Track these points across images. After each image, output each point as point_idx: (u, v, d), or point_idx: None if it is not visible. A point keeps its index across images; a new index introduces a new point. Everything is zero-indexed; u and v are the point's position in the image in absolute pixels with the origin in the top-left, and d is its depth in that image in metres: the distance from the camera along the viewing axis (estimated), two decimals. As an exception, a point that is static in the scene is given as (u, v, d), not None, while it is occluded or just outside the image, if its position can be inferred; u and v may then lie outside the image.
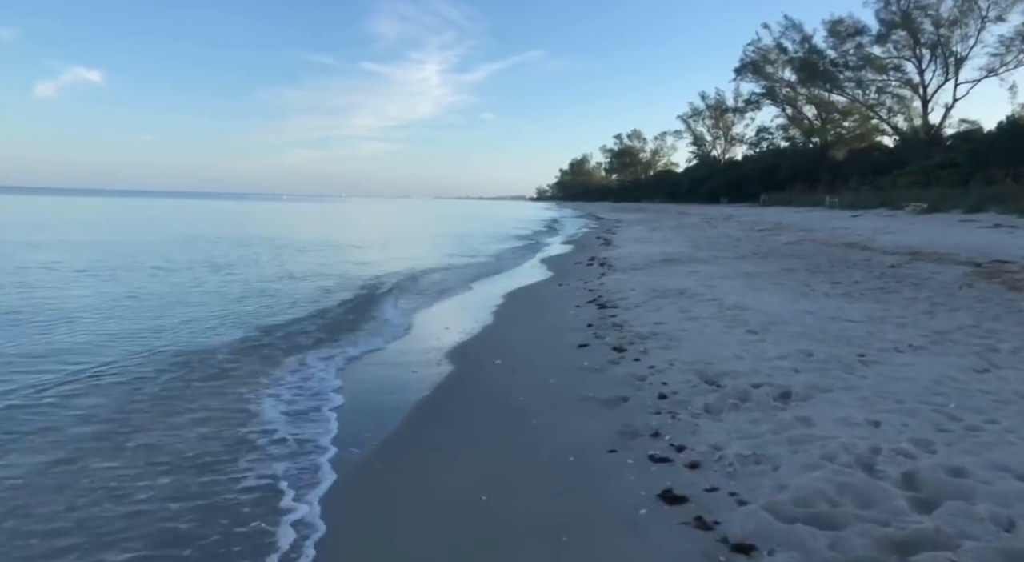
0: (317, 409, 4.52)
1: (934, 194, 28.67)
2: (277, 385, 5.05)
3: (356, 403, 4.72)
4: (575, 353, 5.82)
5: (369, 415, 4.47)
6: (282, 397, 4.75)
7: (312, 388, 5.03)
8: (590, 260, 14.87)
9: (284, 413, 4.40)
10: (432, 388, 5.03)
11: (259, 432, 4.00)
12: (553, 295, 9.54)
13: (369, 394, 5.01)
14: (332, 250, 18.31)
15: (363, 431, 4.10)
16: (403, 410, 4.51)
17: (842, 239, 15.23)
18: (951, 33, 48.88)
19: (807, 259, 11.99)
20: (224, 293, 9.78)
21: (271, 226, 34.07)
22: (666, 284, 9.49)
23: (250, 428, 4.06)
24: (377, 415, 4.45)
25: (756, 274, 10.28)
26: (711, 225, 25.43)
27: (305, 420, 4.29)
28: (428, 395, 4.83)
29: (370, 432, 4.09)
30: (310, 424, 4.21)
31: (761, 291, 8.49)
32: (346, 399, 4.77)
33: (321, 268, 13.35)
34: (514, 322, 7.66)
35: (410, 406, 4.60)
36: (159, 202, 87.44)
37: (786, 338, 5.57)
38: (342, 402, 4.70)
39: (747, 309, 7.06)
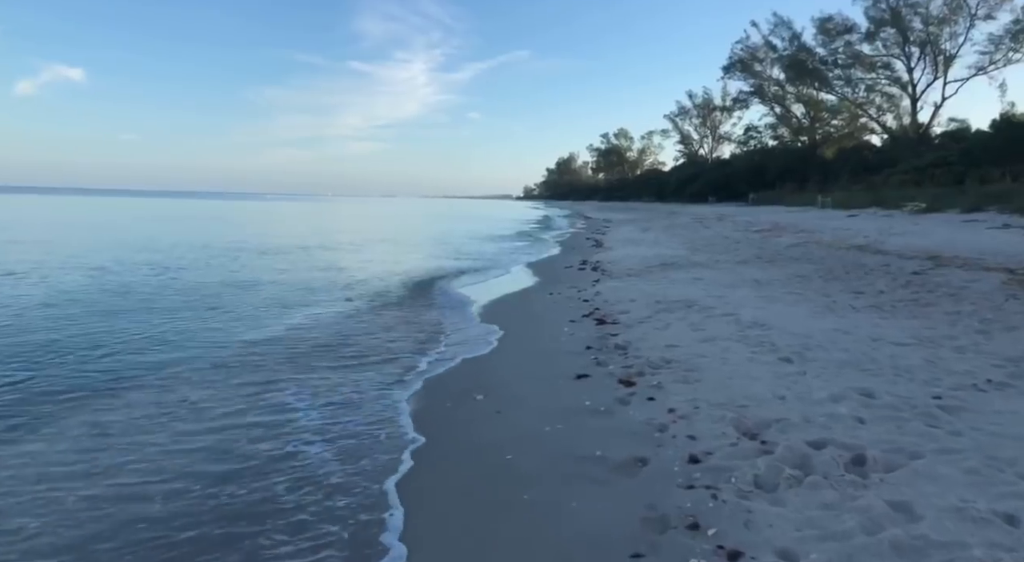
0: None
1: (928, 193, 28.07)
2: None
3: (246, 470, 3.65)
4: (573, 387, 4.79)
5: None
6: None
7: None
8: (582, 264, 13.88)
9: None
10: (391, 440, 3.97)
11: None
12: (544, 306, 8.51)
13: (282, 458, 3.95)
14: (299, 253, 17.09)
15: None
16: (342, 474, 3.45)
17: (848, 241, 14.36)
18: (940, 31, 48.59)
19: (817, 264, 11.07)
20: (147, 303, 8.61)
21: (244, 226, 32.72)
22: (669, 293, 8.50)
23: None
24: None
25: (766, 282, 9.33)
26: (704, 225, 24.55)
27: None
28: (385, 459, 3.75)
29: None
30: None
31: (778, 303, 7.53)
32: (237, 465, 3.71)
33: (278, 274, 12.20)
34: (500, 342, 6.62)
35: (354, 471, 3.54)
36: (140, 201, 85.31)
37: (831, 369, 4.58)
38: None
39: (770, 327, 6.08)
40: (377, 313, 8.36)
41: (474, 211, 77.34)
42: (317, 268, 13.45)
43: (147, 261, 13.66)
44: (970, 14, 47.07)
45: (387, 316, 8.17)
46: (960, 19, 47.79)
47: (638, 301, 8.09)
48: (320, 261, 14.95)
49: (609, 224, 33.14)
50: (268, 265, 13.73)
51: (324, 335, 6.89)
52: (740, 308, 7.19)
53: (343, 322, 7.67)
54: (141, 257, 14.41)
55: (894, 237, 14.29)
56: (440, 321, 7.86)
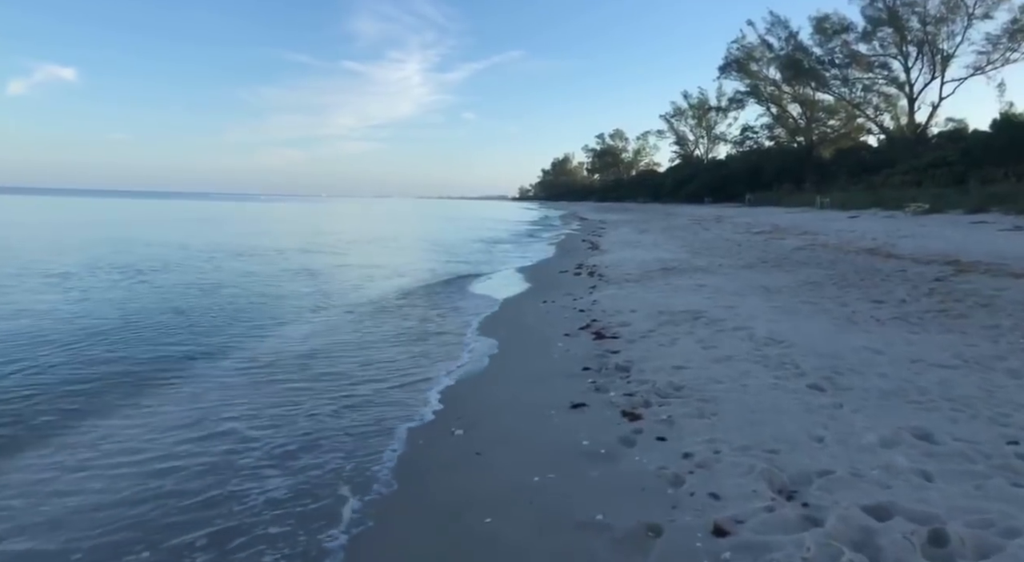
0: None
1: (929, 194, 27.56)
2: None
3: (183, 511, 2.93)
4: (569, 420, 4.09)
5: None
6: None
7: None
8: (577, 268, 13.18)
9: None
10: (347, 488, 3.26)
11: None
12: (536, 317, 7.80)
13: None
14: (276, 256, 16.28)
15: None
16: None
17: (856, 244, 13.72)
18: (937, 31, 48.20)
19: (828, 269, 10.41)
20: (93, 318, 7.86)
21: (227, 228, 31.89)
22: (673, 303, 7.80)
23: None
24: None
25: (776, 289, 8.65)
26: (703, 227, 23.91)
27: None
28: (332, 511, 3.04)
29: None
30: None
31: (794, 315, 6.84)
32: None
33: (246, 279, 11.45)
34: (486, 361, 5.91)
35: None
36: (129, 202, 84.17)
37: (872, 401, 3.89)
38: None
39: (791, 345, 5.39)
40: (353, 323, 7.64)
41: (468, 212, 76.62)
42: (294, 273, 12.69)
43: (117, 264, 12.89)
44: (968, 14, 46.70)
45: (363, 326, 7.45)
46: (958, 19, 47.43)
47: (639, 311, 7.40)
48: (299, 265, 14.19)
49: (605, 225, 32.48)
50: (241, 268, 12.96)
51: (289, 354, 6.16)
52: (753, 320, 6.50)
53: (311, 337, 6.94)
54: (113, 261, 13.62)
55: (904, 239, 13.66)
56: (419, 331, 7.15)
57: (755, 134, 64.96)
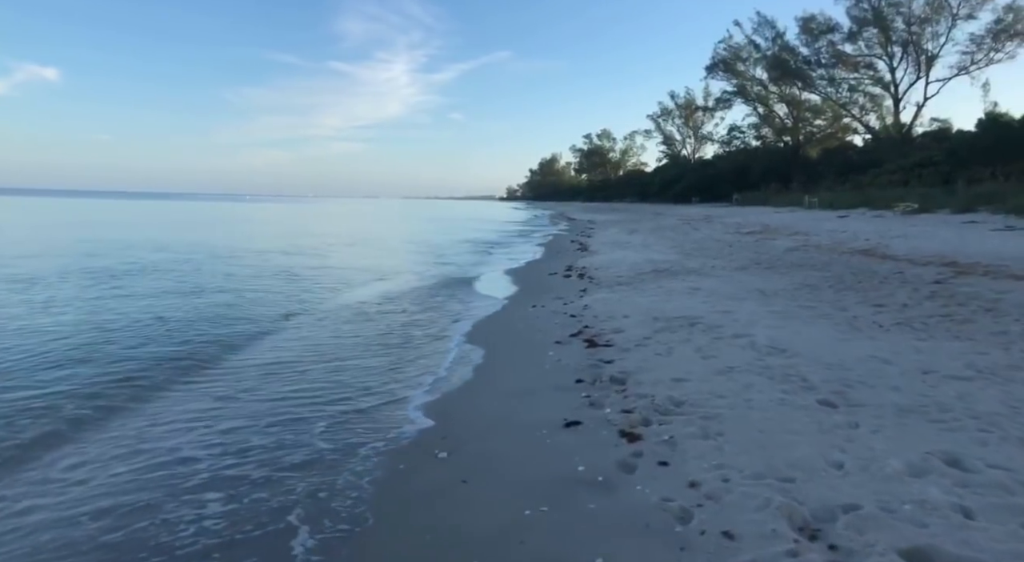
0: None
1: (916, 194, 27.59)
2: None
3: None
4: (562, 440, 3.76)
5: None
6: None
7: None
8: (567, 270, 12.87)
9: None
10: (320, 518, 2.90)
11: None
12: (526, 323, 7.47)
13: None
14: (254, 257, 15.81)
15: None
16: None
17: (849, 245, 13.53)
18: (922, 31, 48.51)
19: (823, 271, 10.17)
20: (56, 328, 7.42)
21: (208, 229, 31.26)
22: (667, 308, 7.51)
23: None
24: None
25: (772, 293, 8.38)
26: (693, 227, 23.71)
27: None
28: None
29: None
30: None
31: (793, 320, 6.57)
32: None
33: (222, 283, 11.01)
34: (472, 372, 5.56)
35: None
36: (111, 203, 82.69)
37: (889, 418, 3.60)
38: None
39: (794, 354, 5.10)
40: (328, 331, 7.25)
41: (456, 212, 76.15)
42: (272, 276, 12.25)
43: (93, 269, 12.38)
44: (952, 14, 47.07)
45: (339, 334, 7.08)
46: (942, 19, 47.79)
47: (633, 317, 7.09)
48: (278, 268, 13.74)
49: (594, 226, 32.23)
50: (218, 272, 12.50)
51: (257, 366, 5.77)
52: (752, 327, 6.21)
53: (283, 347, 6.55)
54: (86, 265, 13.11)
55: (896, 240, 13.49)
56: (401, 339, 6.79)
57: (742, 134, 65.12)
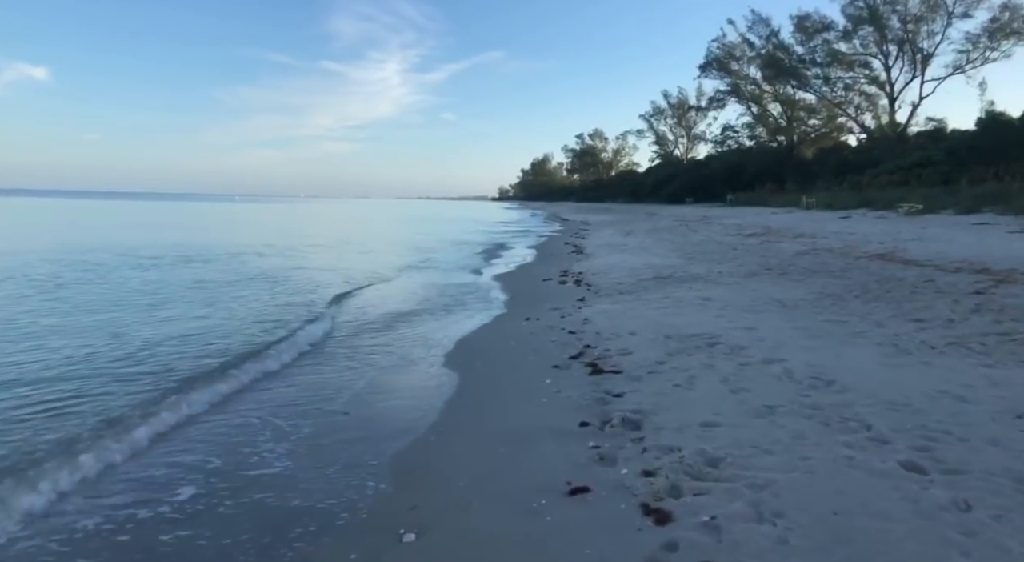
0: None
1: (918, 194, 26.96)
2: None
3: None
4: (566, 517, 2.85)
5: None
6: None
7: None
8: (562, 275, 11.97)
9: None
10: None
11: None
12: (518, 341, 6.55)
13: None
14: (228, 260, 14.76)
15: None
16: None
17: (863, 248, 12.70)
18: (917, 29, 48.02)
19: (842, 278, 9.32)
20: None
21: (188, 230, 30.07)
22: (679, 323, 6.61)
23: None
24: None
25: (793, 304, 7.51)
26: (691, 229, 22.87)
27: None
28: None
29: None
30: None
31: (825, 338, 5.69)
32: None
33: (183, 293, 10.03)
34: (453, 409, 4.63)
35: None
36: (98, 203, 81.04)
37: (1010, 495, 2.70)
38: None
39: (844, 388, 4.21)
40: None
41: (447, 213, 75.11)
42: (240, 282, 11.26)
43: (41, 275, 11.35)
44: (947, 12, 46.61)
45: (292, 357, 6.13)
46: (938, 17, 47.33)
47: (641, 334, 6.19)
48: (249, 273, 12.73)
49: (588, 227, 31.36)
50: (181, 278, 11.48)
51: (191, 403, 4.82)
52: (781, 348, 5.33)
53: (223, 373, 5.59)
54: (37, 270, 12.06)
55: (912, 243, 12.67)
56: (364, 363, 5.84)
57: (736, 133, 64.44)
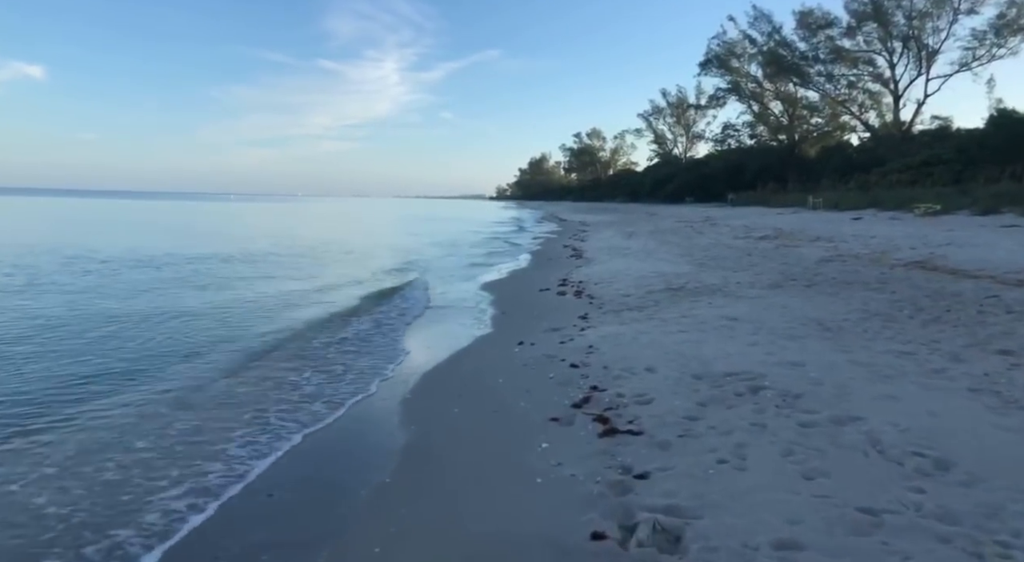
0: None
1: (932, 193, 25.85)
2: None
3: None
4: None
5: None
6: None
7: None
8: (561, 285, 10.73)
9: None
10: None
11: None
12: (509, 377, 5.29)
13: None
14: (182, 267, 13.26)
15: None
16: None
17: (894, 255, 11.47)
18: (922, 25, 46.91)
19: (882, 291, 8.09)
20: None
21: (164, 229, 28.70)
22: (706, 353, 5.36)
23: None
24: None
25: (837, 327, 6.27)
26: (696, 230, 21.64)
27: None
28: None
29: None
30: None
31: (898, 380, 4.45)
32: None
33: (119, 305, 8.76)
34: (423, 478, 3.36)
35: None
36: (88, 202, 79.58)
37: None
38: None
39: (973, 476, 2.97)
40: (194, 391, 5.03)
41: (442, 212, 73.82)
42: (187, 292, 9.96)
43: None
44: (953, 8, 45.53)
45: (205, 399, 4.87)
46: (943, 13, 46.24)
47: (661, 370, 4.94)
48: (203, 280, 11.45)
49: (586, 227, 30.11)
50: (129, 283, 10.19)
51: (79, 459, 3.56)
52: (848, 396, 4.09)
53: (128, 422, 4.33)
54: None
55: (948, 249, 11.45)
56: (250, 415, 4.58)
57: (736, 132, 63.17)
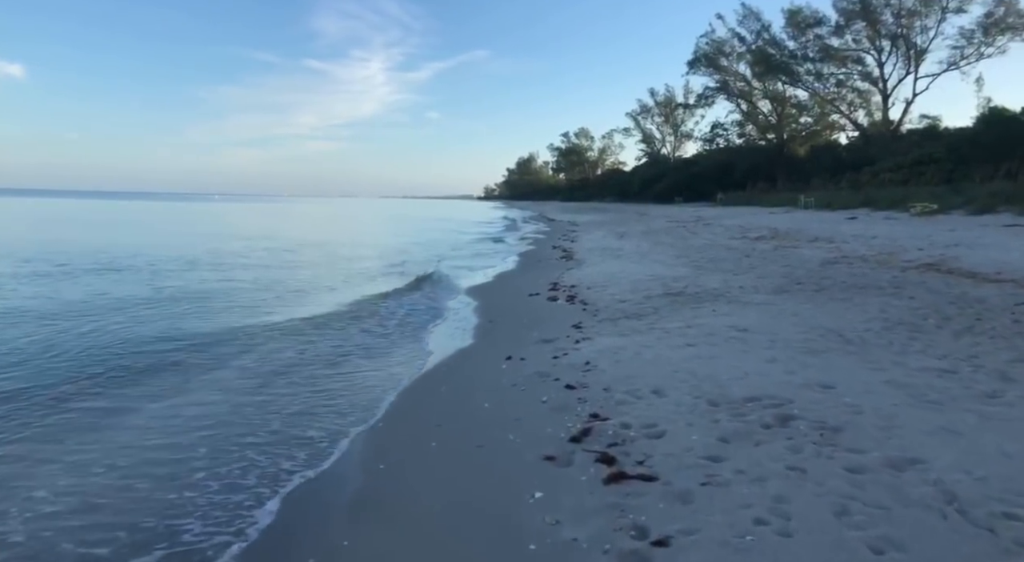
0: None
1: (925, 192, 25.51)
2: None
3: None
4: None
5: None
6: None
7: None
8: (552, 289, 10.07)
9: None
10: None
11: None
12: (495, 401, 4.61)
13: None
14: (134, 273, 12.44)
15: None
16: None
17: (902, 256, 10.92)
18: (911, 24, 46.81)
19: (898, 297, 7.49)
20: None
21: (137, 231, 27.70)
22: (718, 372, 4.71)
23: None
24: None
25: (858, 338, 5.65)
26: (689, 231, 21.07)
27: None
28: None
29: None
30: None
31: (950, 407, 3.82)
32: None
33: (49, 324, 7.99)
34: (384, 546, 2.67)
35: None
36: (67, 202, 77.59)
37: None
38: None
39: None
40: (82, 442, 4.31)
41: (429, 212, 72.94)
42: (137, 303, 9.18)
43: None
44: (941, 7, 45.42)
45: (108, 455, 4.14)
46: (931, 12, 46.16)
47: (670, 393, 4.28)
48: (159, 289, 10.65)
49: (576, 228, 29.47)
50: (76, 292, 9.39)
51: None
52: (897, 429, 3.45)
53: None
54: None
55: (958, 250, 10.92)
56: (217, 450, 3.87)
57: (725, 131, 62.87)
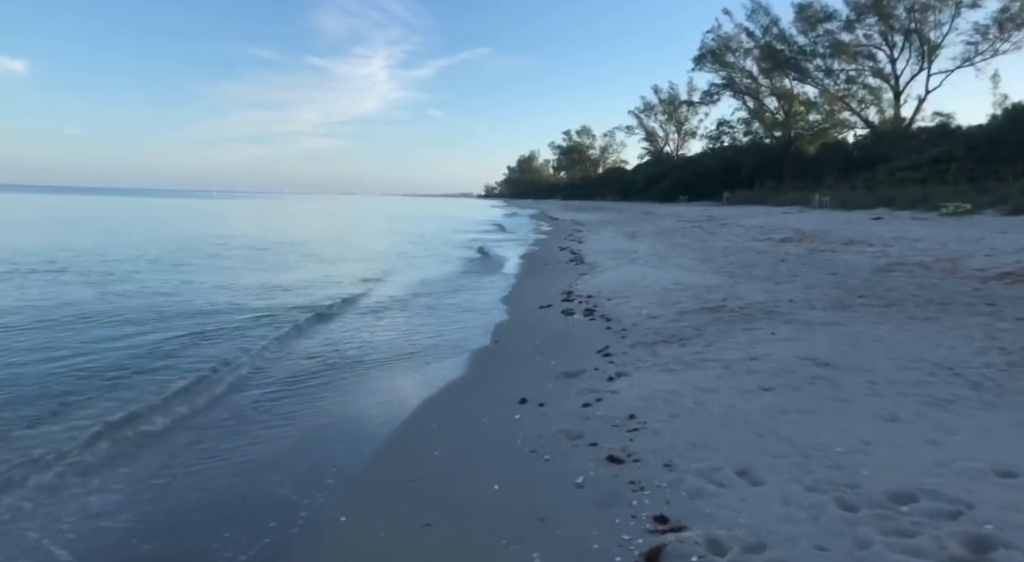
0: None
1: (947, 191, 24.16)
2: None
3: None
4: None
5: None
6: None
7: None
8: (565, 300, 8.68)
9: None
10: None
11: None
12: (506, 480, 3.19)
13: None
14: (98, 277, 11.04)
15: None
16: None
17: (967, 263, 9.50)
18: (924, 19, 45.40)
19: (998, 316, 6.10)
20: None
21: (123, 228, 26.18)
22: (829, 442, 3.31)
23: None
24: None
25: (978, 377, 4.25)
26: (706, 231, 19.64)
27: None
28: None
29: None
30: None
31: None
32: None
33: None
34: None
35: None
36: (65, 199, 76.10)
37: None
38: None
39: None
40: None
41: (429, 210, 71.45)
42: (92, 316, 7.76)
43: None
44: (955, 2, 44.02)
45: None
46: (945, 7, 44.75)
47: (768, 479, 2.88)
48: (123, 295, 9.25)
49: (582, 227, 28.02)
50: (32, 296, 7.95)
51: None
52: None
53: None
54: None
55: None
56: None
57: (731, 129, 61.42)
